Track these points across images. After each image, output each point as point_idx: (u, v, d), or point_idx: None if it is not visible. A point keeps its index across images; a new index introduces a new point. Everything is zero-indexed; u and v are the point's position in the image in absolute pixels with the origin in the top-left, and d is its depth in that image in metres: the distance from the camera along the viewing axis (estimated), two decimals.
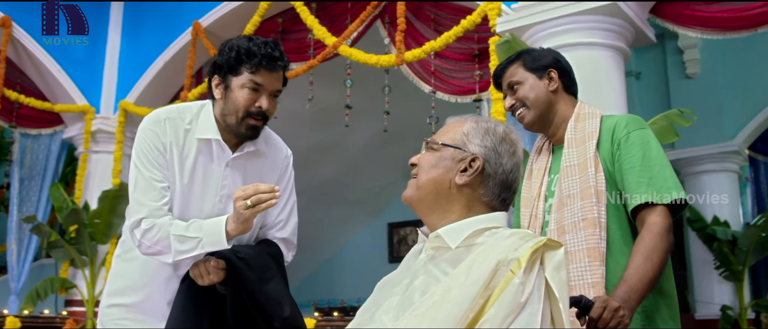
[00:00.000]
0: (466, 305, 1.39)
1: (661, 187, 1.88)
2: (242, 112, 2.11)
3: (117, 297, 2.31)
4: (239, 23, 5.87)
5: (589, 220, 1.91)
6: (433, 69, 4.90)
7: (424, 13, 5.02)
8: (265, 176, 2.29)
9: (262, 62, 2.09)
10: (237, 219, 2.02)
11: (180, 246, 2.08)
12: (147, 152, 2.17)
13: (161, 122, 2.20)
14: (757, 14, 3.82)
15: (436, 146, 1.65)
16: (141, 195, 2.15)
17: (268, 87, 2.12)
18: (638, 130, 1.97)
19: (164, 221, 2.11)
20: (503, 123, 1.72)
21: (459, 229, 1.58)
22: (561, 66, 2.16)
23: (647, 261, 1.77)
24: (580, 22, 3.96)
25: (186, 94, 5.82)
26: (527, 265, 1.42)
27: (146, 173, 2.16)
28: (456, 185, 1.60)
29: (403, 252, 8.23)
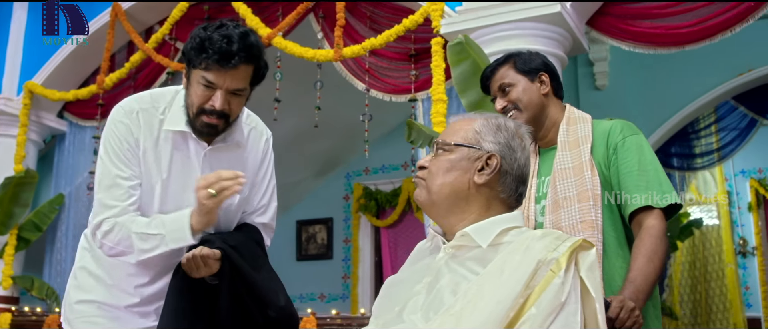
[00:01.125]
0: (508, 304, 1.39)
1: (658, 191, 1.94)
2: (196, 107, 1.98)
3: (86, 293, 2.15)
4: (162, 8, 5.63)
5: (587, 222, 1.96)
6: (367, 67, 4.87)
7: (360, 10, 4.98)
8: (248, 164, 2.19)
9: (211, 58, 1.88)
10: (200, 211, 1.92)
11: (142, 245, 1.97)
12: (116, 146, 2.03)
13: (134, 113, 2.05)
14: (686, 33, 4.03)
15: (449, 147, 1.62)
16: (104, 195, 2.01)
17: (222, 86, 1.93)
18: (633, 135, 2.04)
19: (125, 220, 1.99)
20: (509, 118, 1.74)
21: (487, 228, 1.57)
22: (551, 70, 2.19)
23: (650, 263, 1.83)
24: (524, 29, 4.05)
25: (102, 78, 5.52)
26: (566, 265, 1.43)
27: (113, 170, 2.01)
28: (475, 185, 1.60)
29: (312, 249, 8.15)
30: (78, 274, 2.20)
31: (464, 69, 3.58)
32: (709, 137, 7.18)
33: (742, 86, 6.72)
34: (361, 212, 7.99)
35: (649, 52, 4.23)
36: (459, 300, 1.45)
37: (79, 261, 2.23)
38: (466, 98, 3.65)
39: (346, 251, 8.02)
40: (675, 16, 4.07)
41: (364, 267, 7.90)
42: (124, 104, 2.10)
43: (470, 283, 1.48)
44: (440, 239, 1.66)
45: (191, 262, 1.92)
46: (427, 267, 1.62)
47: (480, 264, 1.52)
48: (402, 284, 1.67)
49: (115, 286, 2.13)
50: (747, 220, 8.46)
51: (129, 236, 1.97)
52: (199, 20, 5.53)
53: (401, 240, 7.86)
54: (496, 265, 1.48)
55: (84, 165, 5.91)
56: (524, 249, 1.47)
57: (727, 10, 3.94)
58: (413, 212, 7.69)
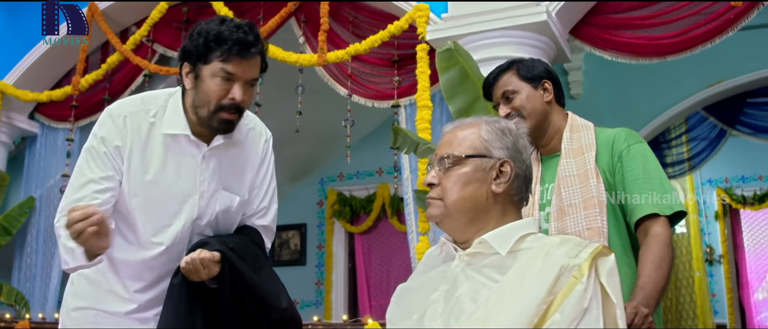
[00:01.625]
0: (532, 310, 1.40)
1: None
2: (214, 104, 1.94)
3: (82, 299, 2.11)
4: (140, 9, 5.55)
5: (593, 229, 1.97)
6: (350, 72, 4.86)
7: (343, 15, 4.97)
8: (247, 165, 2.16)
9: (234, 48, 1.89)
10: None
11: (64, 255, 1.92)
12: (95, 149, 2.00)
13: (121, 118, 2.02)
14: (667, 43, 4.10)
15: (459, 160, 1.60)
16: (67, 197, 1.98)
17: (242, 76, 1.94)
18: (638, 143, 2.06)
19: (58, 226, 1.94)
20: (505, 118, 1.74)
21: (505, 235, 1.57)
22: (554, 77, 2.21)
23: (658, 270, 1.85)
24: (509, 37, 4.08)
25: (78, 79, 5.41)
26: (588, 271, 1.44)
27: (88, 173, 1.98)
28: (493, 195, 1.59)
29: (285, 255, 8.08)
30: (75, 280, 2.14)
31: (452, 75, 3.59)
32: (680, 146, 7.32)
33: (712, 97, 6.87)
34: (335, 218, 7.95)
35: (630, 62, 4.28)
36: (480, 307, 1.45)
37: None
38: (454, 105, 3.66)
39: (319, 257, 7.97)
40: (657, 27, 4.13)
41: (337, 273, 7.86)
42: (112, 108, 2.07)
43: (490, 290, 1.48)
44: (451, 246, 1.65)
45: (190, 265, 1.88)
46: (443, 275, 1.61)
47: (498, 271, 1.52)
48: (416, 292, 1.66)
49: (111, 292, 2.09)
50: (714, 229, 8.63)
51: (62, 245, 1.92)
52: (178, 22, 5.47)
53: (375, 247, 7.84)
54: (517, 272, 1.48)
55: (56, 168, 5.78)
56: (544, 255, 1.48)
57: (707, 21, 4.02)
58: (388, 218, 7.68)
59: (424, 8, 4.36)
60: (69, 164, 5.66)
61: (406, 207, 4.55)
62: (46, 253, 5.66)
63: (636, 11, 4.21)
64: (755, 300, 8.51)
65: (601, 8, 4.29)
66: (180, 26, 5.45)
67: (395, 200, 7.60)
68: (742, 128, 7.11)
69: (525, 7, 4.02)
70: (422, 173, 4.14)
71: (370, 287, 7.74)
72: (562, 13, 4.12)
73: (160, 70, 5.18)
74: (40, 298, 5.57)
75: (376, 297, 7.68)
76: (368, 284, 7.75)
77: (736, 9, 3.87)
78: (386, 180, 7.74)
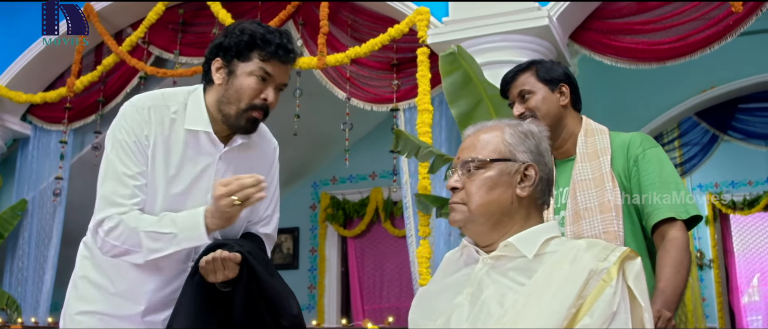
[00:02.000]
0: (563, 313, 1.40)
1: (680, 203, 1.97)
2: (246, 102, 1.97)
3: (87, 303, 2.07)
4: (135, 10, 5.50)
5: (610, 233, 1.97)
6: (348, 75, 4.84)
7: (341, 18, 4.96)
8: (255, 169, 2.15)
9: (277, 51, 1.96)
10: (220, 216, 1.87)
11: (152, 244, 1.90)
12: (123, 142, 1.97)
13: (145, 109, 2.00)
14: (667, 49, 4.11)
15: (484, 164, 1.60)
16: (108, 191, 1.94)
17: (277, 79, 1.99)
18: (653, 148, 2.06)
19: (131, 217, 1.92)
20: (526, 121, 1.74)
21: (530, 238, 1.57)
22: (572, 81, 2.21)
23: (677, 274, 1.85)
24: (510, 41, 4.08)
25: (73, 80, 5.35)
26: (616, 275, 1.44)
27: (119, 167, 1.95)
28: (518, 199, 1.59)
29: (277, 259, 8.04)
30: (79, 284, 2.11)
31: (455, 79, 3.58)
32: (672, 151, 7.36)
33: (704, 102, 6.92)
34: (328, 221, 7.92)
35: (629, 67, 4.29)
36: (508, 311, 1.45)
37: (79, 270, 2.13)
38: (456, 109, 3.65)
39: (312, 261, 7.94)
40: (657, 32, 4.15)
41: (330, 277, 7.83)
42: (134, 100, 2.05)
43: (517, 294, 1.48)
44: (473, 249, 1.64)
45: (211, 265, 1.86)
46: (467, 278, 1.60)
47: (524, 274, 1.51)
48: (439, 296, 1.65)
49: (119, 294, 2.05)
50: (704, 233, 8.68)
51: (136, 234, 1.90)
52: (174, 24, 5.43)
53: (368, 251, 7.82)
54: (543, 275, 1.48)
55: (49, 170, 5.72)
56: (571, 259, 1.48)
57: (707, 27, 4.03)
58: (381, 222, 7.67)
59: (424, 12, 4.35)
60: (62, 166, 5.60)
61: (405, 211, 4.53)
62: (38, 257, 5.59)
63: (635, 16, 4.22)
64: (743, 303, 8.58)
65: (600, 13, 4.30)
66: (176, 28, 5.41)
67: (389, 204, 7.59)
68: (734, 133, 7.18)
69: (527, 12, 4.02)
70: (423, 177, 4.13)
71: (363, 291, 7.72)
72: (562, 17, 4.12)
73: (157, 73, 5.13)
74: (33, 302, 5.51)
75: (369, 302, 7.66)
76: (361, 288, 7.72)
77: (736, 15, 3.89)
78: (379, 184, 7.73)
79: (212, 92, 2.04)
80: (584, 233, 2.01)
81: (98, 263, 2.08)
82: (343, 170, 7.90)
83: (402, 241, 7.58)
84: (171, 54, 5.38)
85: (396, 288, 7.58)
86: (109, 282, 2.06)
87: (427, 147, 3.85)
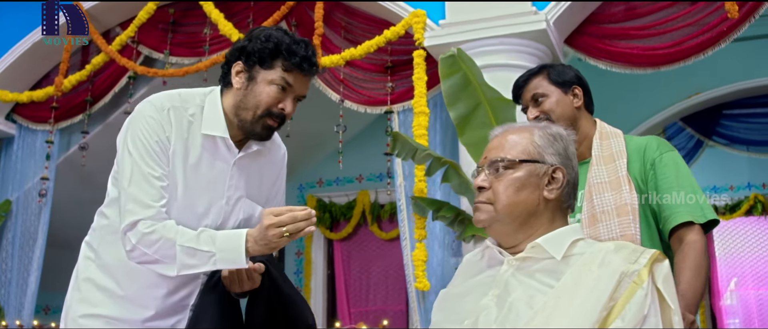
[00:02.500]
0: (595, 316, 1.39)
1: (697, 207, 1.98)
2: (263, 110, 1.92)
3: (92, 306, 2.00)
4: (124, 9, 5.44)
5: (627, 236, 1.97)
6: (342, 77, 4.82)
7: (335, 20, 4.94)
8: (264, 176, 2.13)
9: (302, 64, 1.91)
10: (265, 244, 1.79)
11: (188, 260, 1.83)
12: (146, 143, 1.91)
13: (165, 111, 1.95)
14: (662, 54, 4.16)
15: (513, 164, 1.59)
16: (138, 192, 1.87)
17: (297, 90, 1.95)
18: (669, 151, 2.07)
19: (167, 227, 1.85)
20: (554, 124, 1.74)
21: (557, 239, 1.56)
22: (584, 83, 2.21)
23: (697, 277, 1.86)
24: (507, 44, 4.09)
25: (61, 80, 5.27)
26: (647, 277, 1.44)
27: (145, 168, 1.89)
28: (545, 200, 1.58)
29: None
30: (82, 287, 2.04)
31: (454, 82, 3.58)
32: None
33: (690, 108, 7.00)
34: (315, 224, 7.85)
35: (623, 72, 4.33)
36: (538, 314, 1.44)
37: (82, 272, 2.06)
38: (455, 111, 3.65)
39: (298, 263, 7.89)
40: (651, 37, 4.19)
41: (316, 280, 7.78)
42: (153, 99, 1.99)
43: (546, 296, 1.46)
44: (496, 250, 1.63)
45: (235, 275, 1.83)
46: (492, 280, 1.59)
47: (551, 276, 1.50)
48: (463, 297, 1.63)
49: (126, 298, 2.00)
50: None
51: (172, 246, 1.83)
52: (164, 24, 5.38)
53: (355, 253, 7.80)
54: (572, 278, 1.47)
55: (34, 170, 5.63)
56: (600, 261, 1.47)
57: (701, 33, 4.08)
58: (368, 225, 7.64)
59: (421, 14, 4.35)
60: (48, 166, 5.52)
61: (399, 214, 4.52)
62: (22, 258, 5.50)
63: (630, 21, 4.26)
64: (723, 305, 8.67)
65: (596, 18, 4.33)
66: (166, 28, 5.36)
67: (375, 206, 7.57)
68: (718, 138, 7.26)
69: (525, 15, 4.04)
70: (420, 180, 4.12)
71: (349, 294, 7.69)
72: (559, 21, 4.14)
73: (148, 72, 5.07)
74: (17, 305, 5.42)
75: (355, 305, 7.63)
76: (347, 291, 7.69)
77: (730, 21, 3.93)
78: (366, 187, 7.70)
79: (230, 95, 1.99)
80: (601, 236, 2.01)
81: (104, 264, 2.02)
82: (329, 172, 7.87)
83: (388, 244, 7.57)
84: (161, 54, 5.33)
85: (382, 291, 7.56)
86: (116, 284, 2.00)
87: (425, 150, 3.85)
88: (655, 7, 4.21)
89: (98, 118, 5.71)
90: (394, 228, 7.42)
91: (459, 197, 4.12)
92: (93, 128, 5.67)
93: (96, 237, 2.06)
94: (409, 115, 4.56)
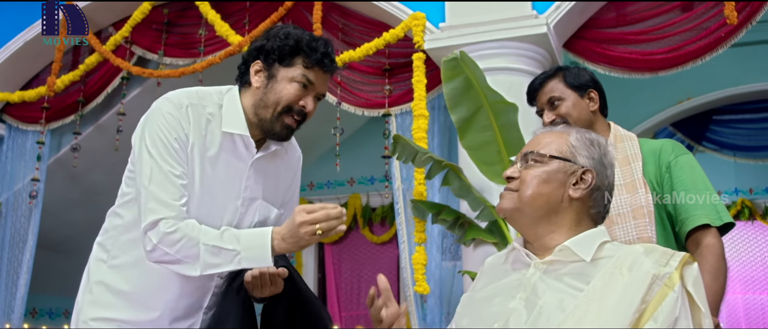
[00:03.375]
0: (627, 319, 1.40)
1: (713, 210, 1.98)
2: (283, 107, 1.90)
3: (104, 309, 1.96)
4: (117, 9, 5.39)
5: (644, 239, 1.97)
6: (339, 79, 4.80)
7: (331, 22, 4.92)
8: (280, 179, 2.11)
9: (323, 60, 1.91)
10: (295, 242, 1.76)
11: (212, 259, 1.79)
12: (165, 140, 1.87)
13: (183, 108, 1.92)
14: (660, 59, 4.17)
15: (543, 159, 1.61)
16: (159, 190, 1.83)
17: (318, 88, 1.94)
18: (685, 155, 2.08)
19: (190, 226, 1.82)
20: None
21: (586, 242, 1.57)
22: (599, 87, 2.21)
23: (716, 281, 1.86)
24: (507, 48, 4.09)
25: (53, 79, 5.21)
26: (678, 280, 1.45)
27: (165, 166, 1.85)
28: (569, 199, 1.60)
29: None
30: (94, 289, 1.99)
31: (457, 85, 3.57)
32: None
33: (680, 113, 7.05)
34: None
35: (622, 76, 4.34)
36: (569, 317, 1.43)
37: (94, 274, 2.02)
38: (457, 114, 3.65)
39: None
40: (650, 42, 4.20)
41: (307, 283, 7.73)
42: (171, 96, 1.96)
43: (576, 299, 1.47)
44: (523, 253, 1.63)
45: (258, 280, 1.80)
46: (519, 283, 1.58)
47: (580, 279, 1.51)
48: (490, 301, 1.63)
49: (140, 300, 1.96)
50: None
51: (195, 245, 1.79)
52: (158, 24, 5.33)
53: (346, 257, 7.76)
54: (602, 281, 1.47)
55: (24, 171, 5.55)
56: (630, 264, 1.48)
57: (699, 38, 4.10)
58: (359, 229, 7.62)
59: (420, 17, 4.34)
60: (39, 167, 5.45)
61: (397, 217, 4.50)
62: (12, 260, 5.42)
63: (629, 26, 4.27)
64: None
65: (594, 22, 4.34)
66: (160, 28, 5.31)
67: (367, 210, 7.54)
68: (708, 144, 7.31)
69: (525, 19, 4.04)
70: (419, 183, 4.11)
71: (340, 298, 7.65)
72: (558, 25, 4.15)
73: (143, 73, 5.02)
74: (5, 308, 5.33)
75: (346, 308, 7.60)
76: (338, 294, 7.66)
77: (728, 26, 3.96)
78: (358, 190, 7.68)
79: (248, 94, 1.97)
80: (617, 239, 2.01)
81: (117, 266, 1.98)
82: (320, 175, 7.84)
83: (380, 248, 7.54)
84: (155, 54, 5.28)
85: None
86: (129, 287, 1.96)
87: (425, 153, 3.84)
88: (653, 12, 4.22)
89: (90, 119, 5.65)
90: (386, 232, 7.41)
91: (458, 201, 4.11)
92: (85, 128, 5.61)
93: (109, 238, 2.02)
94: (407, 118, 4.55)
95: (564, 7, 4.09)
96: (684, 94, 6.92)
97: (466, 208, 3.97)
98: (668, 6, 4.21)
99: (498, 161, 3.62)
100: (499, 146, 3.61)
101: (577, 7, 4.17)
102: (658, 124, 7.10)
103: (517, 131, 3.55)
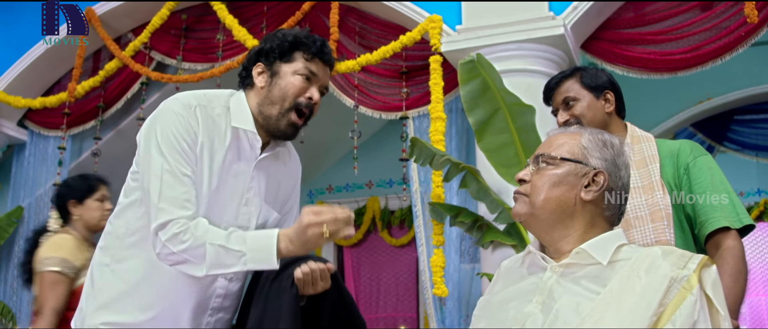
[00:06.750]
0: (645, 322, 1.39)
1: (733, 212, 1.96)
2: (290, 101, 1.92)
3: (111, 314, 1.94)
4: (137, 15, 5.44)
5: (662, 242, 1.95)
6: (356, 83, 4.81)
7: (349, 25, 4.93)
8: (282, 185, 2.11)
9: (322, 50, 1.97)
10: (302, 244, 1.76)
11: (218, 259, 1.79)
12: (174, 141, 1.86)
13: (192, 108, 1.91)
14: (679, 59, 4.13)
15: (554, 161, 1.60)
16: (170, 191, 1.82)
17: (321, 79, 1.98)
18: (703, 156, 2.05)
19: (199, 226, 1.81)
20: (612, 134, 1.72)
21: (602, 245, 1.55)
22: (616, 88, 2.19)
23: (736, 283, 1.84)
24: (524, 50, 4.07)
25: (74, 85, 5.26)
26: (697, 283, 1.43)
27: (175, 166, 1.84)
28: (581, 201, 1.58)
29: None
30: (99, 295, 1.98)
31: (473, 87, 3.57)
32: None
33: (701, 114, 6.98)
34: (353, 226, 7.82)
35: (640, 77, 4.31)
36: (586, 320, 1.42)
37: (98, 279, 1.99)
38: (474, 116, 3.64)
39: None
40: (669, 42, 4.17)
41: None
42: (179, 97, 1.96)
43: (593, 302, 1.45)
44: (539, 256, 1.62)
45: (308, 276, 1.79)
46: (536, 287, 1.57)
47: (597, 282, 1.49)
48: (506, 304, 1.62)
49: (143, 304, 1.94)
50: None
51: (202, 245, 1.79)
52: (176, 30, 5.38)
53: (365, 260, 7.77)
54: (619, 284, 1.46)
55: (46, 176, 5.62)
56: (648, 267, 1.46)
57: (719, 37, 4.06)
58: (378, 231, 7.62)
59: (437, 19, 4.33)
60: (60, 172, 5.50)
61: (415, 219, 4.50)
62: None
63: (648, 26, 4.24)
64: None
65: (612, 23, 4.31)
66: (179, 34, 5.35)
67: (386, 212, 7.54)
68: (729, 144, 7.23)
69: (542, 21, 4.02)
70: (437, 185, 4.10)
71: (360, 301, 7.65)
72: (576, 27, 4.13)
73: (162, 78, 5.06)
74: (28, 312, 5.39)
75: (365, 311, 7.60)
76: (357, 297, 7.66)
77: (748, 25, 3.91)
78: (376, 193, 7.68)
79: (253, 95, 1.98)
80: (635, 242, 1.99)
81: (121, 269, 1.96)
82: (339, 178, 7.85)
83: (399, 250, 7.54)
84: (173, 60, 5.33)
85: (393, 298, 7.53)
86: (134, 291, 1.94)
87: (443, 155, 3.83)
88: (672, 11, 4.19)
89: (110, 124, 5.70)
90: (405, 234, 7.40)
91: (476, 203, 4.10)
92: (105, 134, 5.66)
93: (112, 241, 2.00)
94: (425, 120, 4.55)
95: (581, 7, 4.07)
96: (704, 94, 6.85)
97: (484, 210, 3.96)
98: (687, 5, 4.17)
99: (516, 163, 3.61)
100: (516, 148, 3.60)
101: (595, 8, 4.14)
102: (678, 124, 7.03)
103: (535, 133, 3.54)
